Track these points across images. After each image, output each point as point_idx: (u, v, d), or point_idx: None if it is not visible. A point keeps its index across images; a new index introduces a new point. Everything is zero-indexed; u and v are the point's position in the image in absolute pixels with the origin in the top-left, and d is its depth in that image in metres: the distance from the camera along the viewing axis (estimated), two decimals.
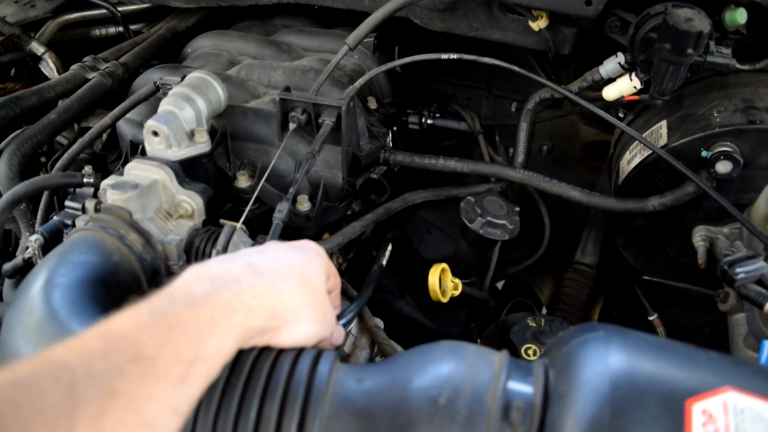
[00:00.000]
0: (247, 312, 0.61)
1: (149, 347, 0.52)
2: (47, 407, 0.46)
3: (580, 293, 1.51)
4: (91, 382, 0.48)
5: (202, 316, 0.57)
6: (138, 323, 0.54)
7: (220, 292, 0.60)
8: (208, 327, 0.57)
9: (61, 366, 0.48)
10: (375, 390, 0.62)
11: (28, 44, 1.60)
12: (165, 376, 0.52)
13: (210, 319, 0.57)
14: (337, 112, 1.07)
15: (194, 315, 0.57)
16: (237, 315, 0.60)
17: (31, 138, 1.25)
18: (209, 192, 1.01)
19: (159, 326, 0.54)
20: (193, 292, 0.59)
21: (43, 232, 1.04)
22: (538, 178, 1.29)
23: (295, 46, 1.47)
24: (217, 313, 0.58)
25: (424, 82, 1.83)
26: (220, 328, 0.58)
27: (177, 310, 0.56)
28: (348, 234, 1.15)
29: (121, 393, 0.49)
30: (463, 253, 1.20)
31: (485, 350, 0.65)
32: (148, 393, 0.51)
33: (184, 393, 0.54)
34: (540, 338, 1.02)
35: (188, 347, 0.55)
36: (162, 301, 0.57)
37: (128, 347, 0.51)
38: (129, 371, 0.50)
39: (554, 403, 0.57)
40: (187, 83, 1.07)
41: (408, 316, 1.27)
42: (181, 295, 0.58)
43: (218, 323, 0.58)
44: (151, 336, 0.53)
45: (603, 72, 1.26)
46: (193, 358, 0.55)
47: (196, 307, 0.57)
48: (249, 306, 0.61)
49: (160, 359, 0.52)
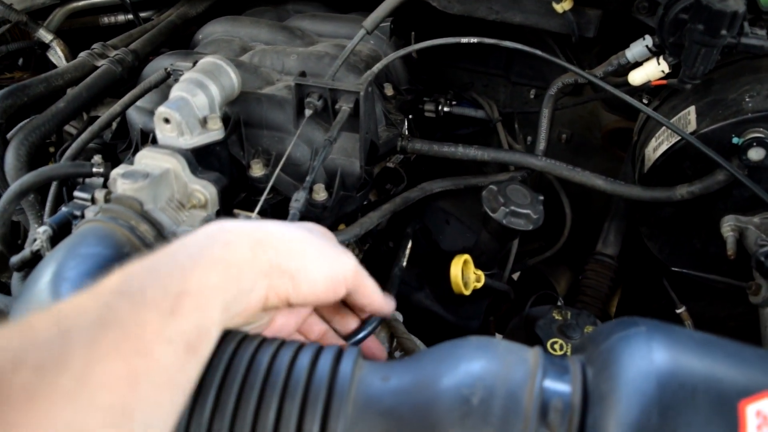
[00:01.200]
0: (224, 244, 0.59)
1: (134, 284, 0.52)
2: (38, 338, 0.45)
3: (602, 285, 1.47)
4: (82, 316, 0.48)
5: (179, 256, 0.56)
6: (121, 272, 0.54)
7: (193, 237, 0.60)
8: (188, 263, 0.56)
9: (51, 309, 0.49)
10: (402, 389, 0.59)
11: (35, 32, 1.57)
12: (154, 307, 0.51)
13: (188, 257, 0.56)
14: (355, 98, 1.03)
15: (171, 257, 0.56)
16: (213, 248, 0.58)
17: (39, 127, 1.22)
18: (223, 181, 0.98)
19: (141, 271, 0.54)
20: (169, 246, 0.58)
21: (51, 224, 1.01)
22: (561, 166, 1.24)
23: (309, 32, 1.43)
24: (193, 251, 0.57)
25: (441, 69, 1.78)
26: (200, 263, 0.56)
27: (156, 257, 0.56)
28: (365, 225, 1.11)
29: (112, 322, 0.48)
30: (485, 244, 1.16)
31: (518, 346, 0.61)
32: (140, 322, 0.50)
33: (176, 325, 0.52)
34: (566, 332, 0.98)
35: (172, 282, 0.54)
36: (142, 258, 0.57)
37: (114, 287, 0.51)
38: (117, 304, 0.50)
39: (595, 403, 0.53)
40: (199, 68, 1.04)
41: (427, 309, 1.23)
42: (159, 251, 0.58)
43: (197, 259, 0.56)
44: (135, 276, 0.53)
45: (629, 56, 1.21)
46: (180, 291, 0.53)
47: (174, 252, 0.57)
48: (225, 239, 0.59)
49: (147, 291, 0.52)
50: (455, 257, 1.10)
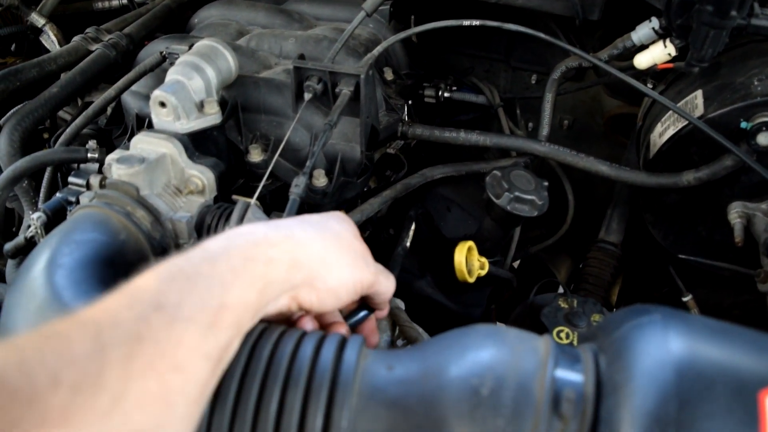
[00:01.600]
0: (266, 262, 0.59)
1: (172, 296, 0.51)
2: (75, 354, 0.45)
3: (605, 272, 1.46)
4: (118, 330, 0.48)
5: (221, 267, 0.56)
6: (158, 278, 0.53)
7: (237, 245, 0.59)
8: (229, 277, 0.55)
9: (85, 319, 0.48)
10: (408, 378, 0.57)
11: (27, 16, 1.54)
12: (191, 322, 0.51)
13: (230, 270, 0.56)
14: (356, 81, 1.00)
15: (213, 267, 0.55)
16: (257, 265, 0.58)
17: (32, 112, 1.20)
18: (221, 166, 0.96)
19: (179, 279, 0.53)
20: (208, 248, 0.58)
21: (45, 210, 0.99)
22: (564, 152, 1.22)
23: (307, 15, 1.40)
24: (236, 264, 0.57)
25: (441, 54, 1.75)
26: (242, 277, 0.56)
27: (195, 264, 0.55)
28: (366, 211, 1.09)
29: (148, 338, 0.48)
30: (488, 231, 1.14)
31: (527, 335, 0.59)
32: (176, 338, 0.50)
33: (214, 339, 0.52)
34: (573, 320, 0.97)
35: (211, 295, 0.53)
36: (179, 259, 0.56)
37: (151, 298, 0.51)
38: (154, 318, 0.49)
39: (609, 394, 0.51)
40: (195, 51, 1.01)
41: (429, 297, 1.21)
42: (197, 252, 0.57)
43: (239, 273, 0.56)
44: (173, 287, 0.52)
45: (635, 38, 1.19)
46: (219, 305, 0.53)
47: (214, 260, 0.56)
48: (268, 256, 0.59)
49: (184, 307, 0.51)
50: (459, 244, 1.07)
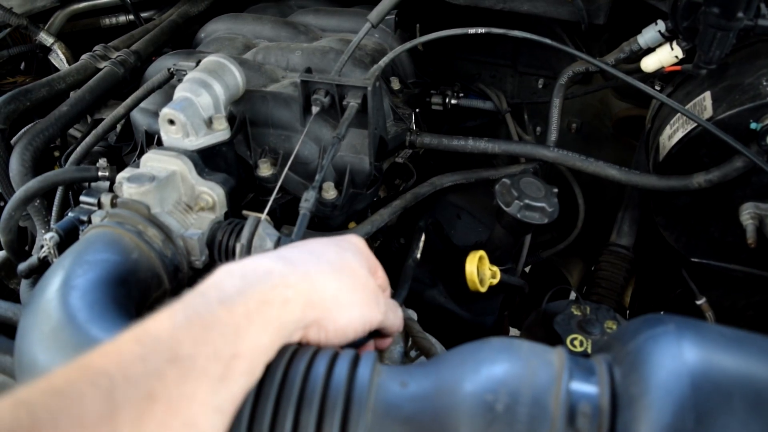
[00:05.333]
0: (282, 304, 0.59)
1: (186, 347, 0.51)
2: (86, 414, 0.44)
3: (617, 276, 1.45)
4: (130, 386, 0.47)
5: (237, 311, 0.55)
6: (173, 324, 0.52)
7: (253, 286, 0.58)
8: (244, 322, 0.55)
9: (98, 372, 0.47)
10: (422, 395, 0.57)
11: (36, 35, 1.56)
12: (204, 375, 0.51)
13: (245, 314, 0.55)
14: (363, 93, 1.01)
15: (228, 311, 0.55)
16: (272, 308, 0.58)
17: (42, 131, 1.21)
18: (230, 182, 0.96)
19: (194, 325, 0.53)
20: (225, 288, 0.57)
21: (58, 230, 0.99)
22: (574, 157, 1.22)
23: (313, 27, 1.40)
24: (251, 307, 0.56)
25: (447, 61, 1.76)
26: (256, 322, 0.56)
27: (211, 308, 0.55)
28: (376, 222, 1.09)
29: (161, 396, 0.48)
30: (499, 239, 1.13)
31: (541, 347, 0.58)
32: (189, 394, 0.49)
33: (226, 391, 0.52)
34: (586, 328, 0.96)
35: (226, 344, 0.53)
36: (195, 300, 0.55)
37: (165, 349, 0.50)
38: (167, 373, 0.49)
39: (625, 407, 0.51)
40: (202, 68, 1.02)
41: (441, 306, 1.21)
42: (213, 292, 0.57)
43: (254, 317, 0.56)
44: (187, 335, 0.52)
45: (641, 41, 1.19)
46: (232, 355, 0.53)
47: (230, 303, 0.55)
48: (284, 297, 0.59)
49: (198, 358, 0.51)
50: (470, 254, 1.07)
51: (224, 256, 0.89)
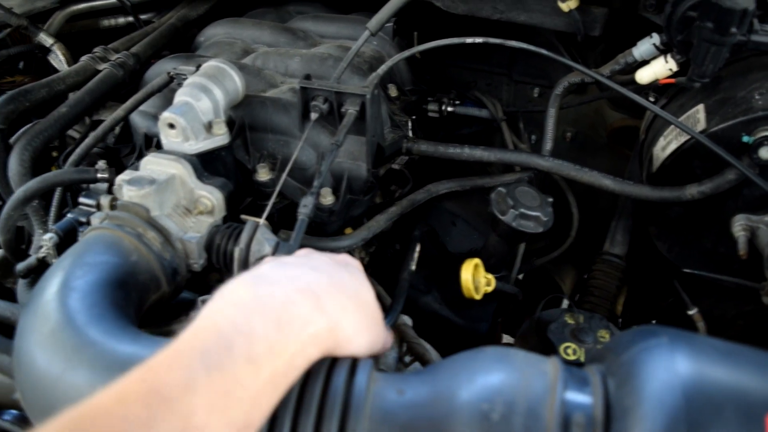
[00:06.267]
0: (303, 351, 0.57)
1: (199, 415, 0.48)
2: None
3: (610, 285, 1.46)
4: None
5: (263, 376, 0.52)
6: (189, 380, 0.48)
7: (287, 342, 0.55)
8: (268, 389, 0.53)
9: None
10: (418, 402, 0.57)
11: (36, 36, 1.56)
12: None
13: (271, 380, 0.53)
14: (361, 101, 1.02)
15: (254, 375, 0.52)
16: (299, 367, 0.57)
17: (42, 132, 1.21)
18: (229, 186, 0.97)
19: (213, 387, 0.49)
20: (255, 339, 0.53)
21: (57, 231, 1.00)
22: (568, 166, 1.23)
23: (312, 33, 1.41)
24: (279, 371, 0.54)
25: (443, 68, 1.77)
26: (281, 387, 0.55)
27: (236, 366, 0.51)
28: (373, 228, 1.10)
29: None
30: (494, 247, 1.15)
31: (536, 357, 0.60)
32: None
33: None
34: (579, 336, 0.97)
35: (240, 413, 0.50)
36: (219, 349, 0.51)
37: (175, 417, 0.47)
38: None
39: (618, 418, 0.52)
40: (202, 73, 1.02)
41: (435, 312, 1.22)
42: (241, 344, 0.52)
43: (279, 383, 0.54)
44: (203, 400, 0.48)
45: (636, 54, 1.20)
46: (244, 425, 0.51)
47: (258, 363, 0.52)
48: (312, 350, 0.58)
49: (208, 429, 0.48)
50: (465, 262, 1.08)
51: (222, 260, 0.90)
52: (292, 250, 0.84)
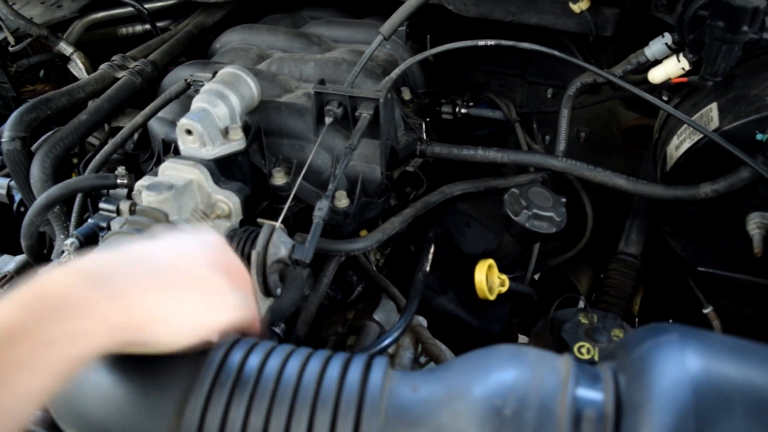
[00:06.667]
0: (71, 339, 0.52)
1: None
2: None
3: (625, 284, 1.46)
4: None
5: (5, 356, 0.49)
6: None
7: (38, 322, 0.51)
8: (10, 369, 0.49)
9: None
10: (432, 399, 0.59)
11: (56, 45, 1.59)
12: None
13: (14, 360, 0.49)
14: (375, 105, 1.03)
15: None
16: (55, 347, 0.51)
17: (63, 139, 1.24)
18: (246, 191, 0.98)
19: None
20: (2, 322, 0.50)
21: (78, 236, 1.02)
22: (582, 166, 1.24)
23: (326, 38, 1.43)
24: (23, 351, 0.50)
25: (456, 71, 1.78)
26: (25, 367, 0.50)
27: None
28: (388, 231, 1.11)
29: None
30: (508, 248, 1.16)
31: (548, 354, 0.60)
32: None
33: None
34: (593, 336, 0.98)
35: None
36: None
37: None
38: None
39: (628, 413, 0.53)
40: (219, 79, 1.04)
41: (450, 313, 1.23)
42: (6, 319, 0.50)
43: (24, 362, 0.50)
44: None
45: (648, 53, 1.21)
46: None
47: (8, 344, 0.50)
48: (75, 331, 0.53)
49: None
50: (479, 262, 1.09)
51: None
52: (308, 252, 0.85)
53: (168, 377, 0.63)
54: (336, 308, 1.24)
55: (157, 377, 0.63)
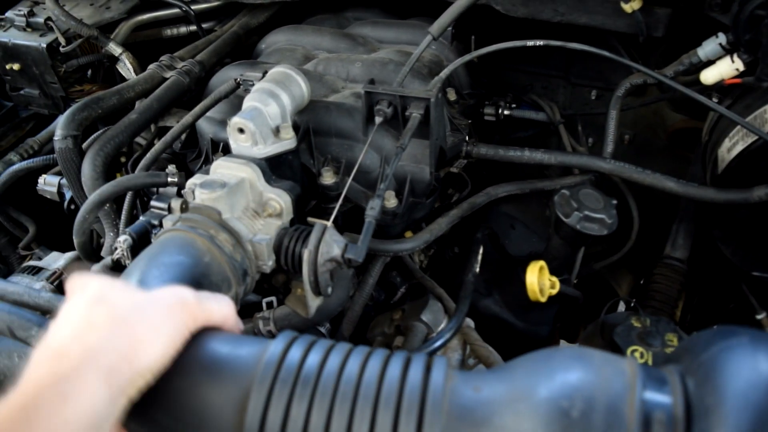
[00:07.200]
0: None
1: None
2: None
3: (671, 289, 1.44)
4: None
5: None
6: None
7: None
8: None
9: None
10: (495, 399, 0.58)
11: (105, 45, 1.62)
12: None
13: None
14: (426, 104, 1.03)
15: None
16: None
17: (113, 138, 1.26)
18: (297, 189, 0.99)
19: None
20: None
21: (131, 233, 1.04)
22: (631, 168, 1.22)
23: (371, 39, 1.43)
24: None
25: (499, 72, 1.77)
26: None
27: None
28: (435, 231, 1.11)
29: None
30: (556, 250, 1.14)
31: (613, 357, 0.59)
32: None
33: None
34: (647, 340, 0.96)
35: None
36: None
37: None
38: None
39: (700, 416, 0.52)
40: (270, 78, 1.05)
41: (496, 315, 1.22)
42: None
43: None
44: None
45: (701, 54, 1.18)
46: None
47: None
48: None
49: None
50: (530, 264, 1.08)
51: (291, 262, 0.92)
52: (361, 252, 0.85)
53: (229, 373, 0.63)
54: (379, 309, 1.24)
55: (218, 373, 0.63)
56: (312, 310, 0.94)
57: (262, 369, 0.62)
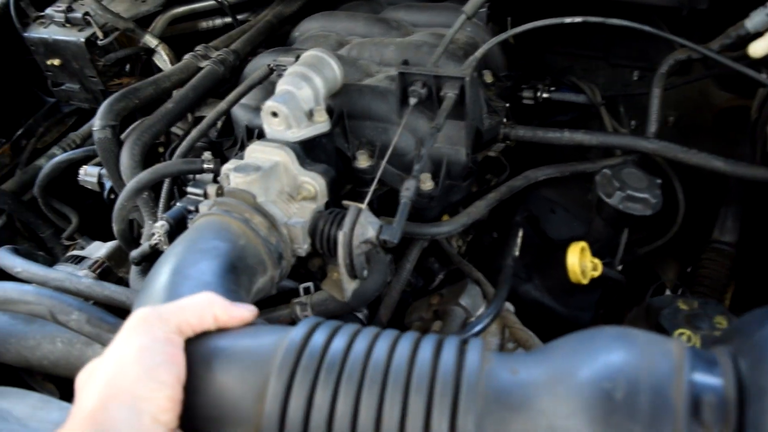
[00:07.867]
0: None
1: None
2: None
3: (720, 274, 1.39)
4: None
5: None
6: None
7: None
8: None
9: None
10: (534, 382, 0.56)
11: (141, 38, 1.63)
12: None
13: None
14: (460, 84, 1.01)
15: None
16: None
17: (150, 127, 1.27)
18: (331, 173, 0.98)
19: None
20: None
21: (168, 219, 1.04)
22: (676, 148, 1.18)
23: (405, 22, 1.41)
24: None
25: (537, 54, 1.73)
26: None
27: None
28: (473, 215, 1.09)
29: None
30: (598, 232, 1.11)
31: (659, 337, 0.57)
32: None
33: None
34: (694, 322, 0.92)
35: None
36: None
37: None
38: None
39: (754, 398, 0.49)
40: (302, 62, 1.04)
41: (536, 300, 1.19)
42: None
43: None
44: None
45: (749, 26, 1.13)
46: None
47: None
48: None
49: None
50: (571, 245, 1.05)
51: (326, 245, 0.91)
52: (396, 233, 0.84)
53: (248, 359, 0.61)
54: (417, 296, 1.22)
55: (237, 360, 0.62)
56: (348, 294, 0.93)
57: (282, 355, 0.59)
